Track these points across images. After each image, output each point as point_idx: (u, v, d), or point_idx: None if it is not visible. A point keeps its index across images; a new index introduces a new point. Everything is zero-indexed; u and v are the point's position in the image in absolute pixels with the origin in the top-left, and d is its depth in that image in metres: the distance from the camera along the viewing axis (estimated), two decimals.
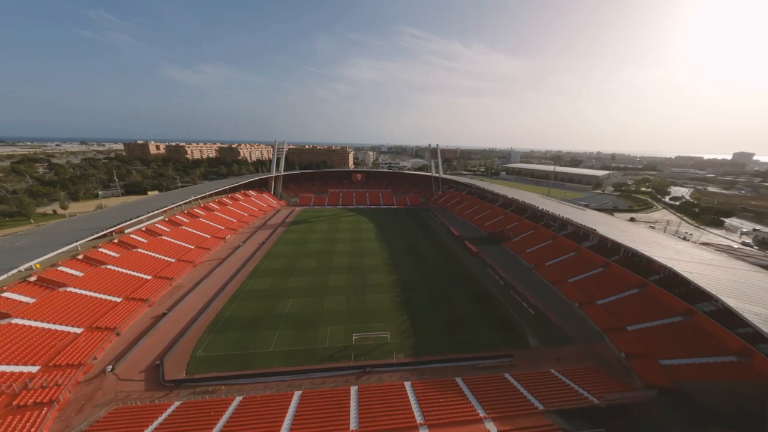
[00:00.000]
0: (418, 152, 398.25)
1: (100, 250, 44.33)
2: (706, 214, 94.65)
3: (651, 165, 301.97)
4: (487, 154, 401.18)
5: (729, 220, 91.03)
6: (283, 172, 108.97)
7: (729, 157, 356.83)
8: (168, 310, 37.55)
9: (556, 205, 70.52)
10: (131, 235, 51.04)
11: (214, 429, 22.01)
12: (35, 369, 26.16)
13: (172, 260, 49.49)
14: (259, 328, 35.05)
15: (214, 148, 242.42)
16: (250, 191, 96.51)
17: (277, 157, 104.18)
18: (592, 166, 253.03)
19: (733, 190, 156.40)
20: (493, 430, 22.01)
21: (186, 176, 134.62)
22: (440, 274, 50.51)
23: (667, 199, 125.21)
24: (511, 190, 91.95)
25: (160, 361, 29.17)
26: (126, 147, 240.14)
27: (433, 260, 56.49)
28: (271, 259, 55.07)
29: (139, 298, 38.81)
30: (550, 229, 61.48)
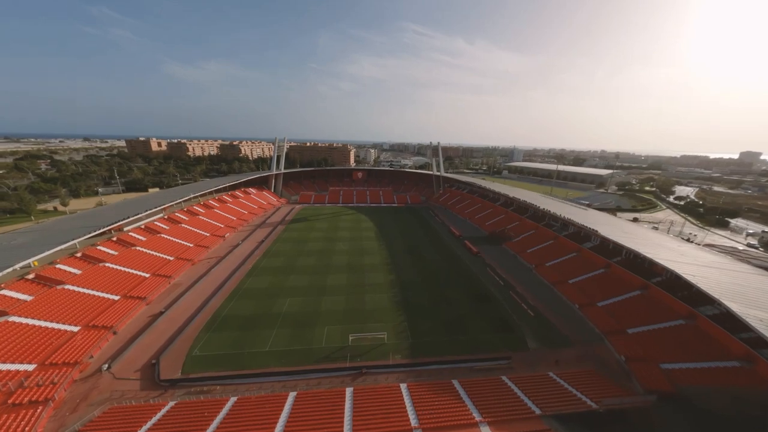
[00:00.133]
0: (420, 150, 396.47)
1: (99, 248, 44.37)
2: (711, 215, 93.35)
3: (656, 164, 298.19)
4: (490, 152, 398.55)
5: (734, 221, 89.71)
6: (284, 170, 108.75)
7: (735, 157, 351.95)
8: (165, 309, 37.54)
9: (558, 205, 69.71)
10: (130, 233, 51.06)
11: (207, 430, 21.90)
12: (31, 367, 26.17)
13: (171, 258, 49.50)
14: (257, 327, 34.94)
15: (216, 146, 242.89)
16: (251, 189, 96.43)
17: (278, 155, 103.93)
18: (596, 165, 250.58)
19: (739, 190, 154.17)
20: None
21: (187, 173, 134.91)
22: (439, 273, 50.16)
23: (671, 198, 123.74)
24: (512, 189, 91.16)
25: (156, 360, 29.14)
26: (128, 144, 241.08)
27: (433, 260, 56.12)
28: (270, 258, 54.96)
29: (137, 296, 38.83)
30: (551, 229, 60.83)
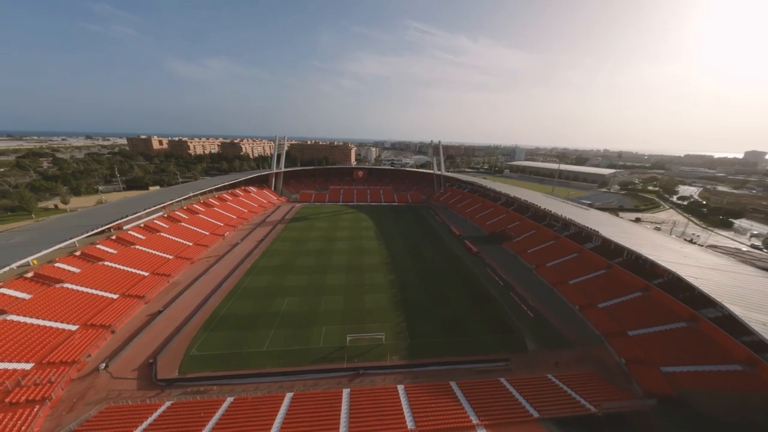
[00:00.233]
0: (421, 148, 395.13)
1: (98, 246, 44.39)
2: (715, 215, 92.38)
3: (659, 163, 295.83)
4: (492, 151, 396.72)
5: (738, 222, 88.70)
6: (284, 169, 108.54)
7: (740, 156, 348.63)
8: (164, 308, 37.53)
9: (559, 205, 69.15)
10: (129, 232, 51.06)
11: (203, 431, 21.84)
12: (29, 366, 26.19)
13: (170, 257, 49.49)
14: (254, 326, 34.86)
15: (217, 144, 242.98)
16: (251, 187, 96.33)
17: (278, 153, 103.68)
18: (598, 164, 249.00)
19: (744, 190, 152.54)
20: None
21: (188, 172, 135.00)
22: (439, 273, 49.91)
23: (674, 198, 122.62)
24: (513, 189, 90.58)
25: (154, 360, 29.11)
26: (129, 142, 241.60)
27: (433, 259, 55.86)
28: (269, 257, 54.87)
29: (136, 295, 38.83)
30: (552, 230, 60.37)
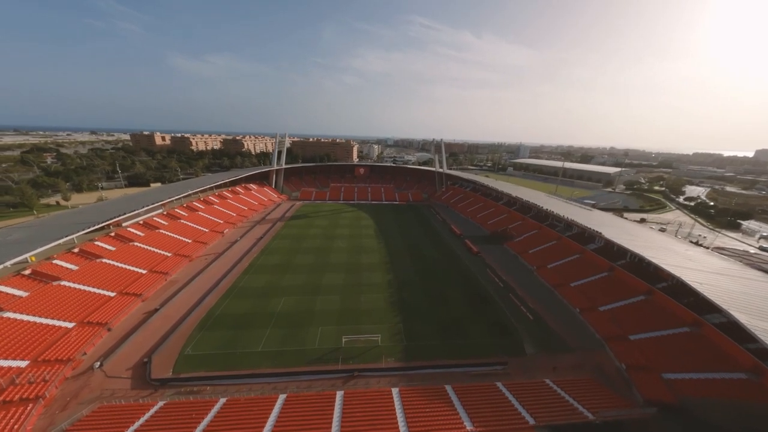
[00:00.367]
0: (424, 146, 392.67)
1: (97, 243, 44.47)
2: (722, 216, 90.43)
3: (666, 162, 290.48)
4: (495, 149, 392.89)
5: (746, 223, 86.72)
6: (285, 166, 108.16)
7: (751, 155, 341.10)
8: (160, 306, 37.51)
9: (561, 205, 68.02)
10: (129, 229, 51.12)
11: None
12: (24, 364, 26.22)
13: (169, 254, 49.50)
14: (250, 326, 34.71)
15: (219, 140, 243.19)
16: (251, 184, 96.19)
17: (279, 150, 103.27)
18: (604, 163, 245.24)
19: (753, 191, 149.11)
20: None
21: (189, 168, 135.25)
22: (438, 274, 49.40)
23: (681, 199, 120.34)
24: (516, 188, 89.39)
25: (148, 359, 29.07)
26: (132, 137, 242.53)
27: (432, 259, 55.32)
28: (268, 255, 54.70)
29: (133, 292, 38.83)
30: (554, 230, 59.41)
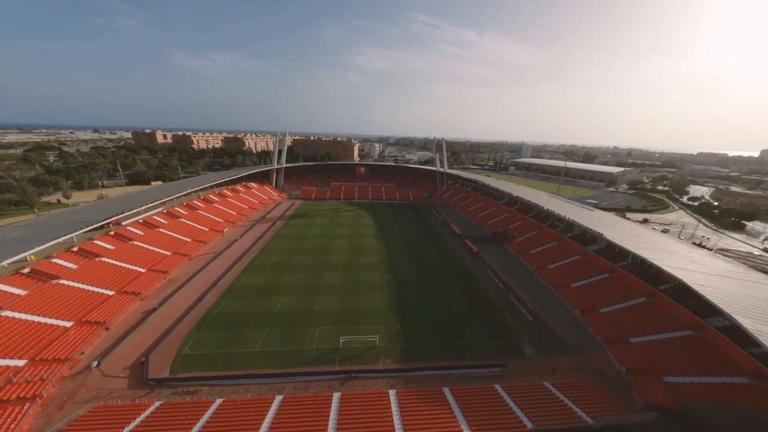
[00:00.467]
0: (426, 144, 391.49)
1: (96, 242, 44.51)
2: (726, 217, 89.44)
3: (670, 161, 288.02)
4: (498, 148, 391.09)
5: (751, 224, 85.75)
6: (286, 164, 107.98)
7: (756, 155, 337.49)
8: (159, 305, 37.49)
9: (563, 205, 67.46)
10: (128, 228, 51.16)
11: None
12: (22, 363, 26.26)
13: (168, 253, 49.50)
14: (248, 326, 34.62)
15: (220, 138, 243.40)
16: (252, 183, 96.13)
17: (279, 149, 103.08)
18: (607, 162, 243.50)
19: (759, 191, 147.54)
20: None
21: (190, 166, 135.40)
22: (438, 274, 49.14)
23: (684, 199, 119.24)
24: (517, 187, 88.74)
25: (146, 359, 29.03)
26: (134, 136, 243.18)
27: (432, 259, 55.04)
28: (267, 254, 54.62)
29: (132, 291, 38.84)
30: (556, 230, 58.90)
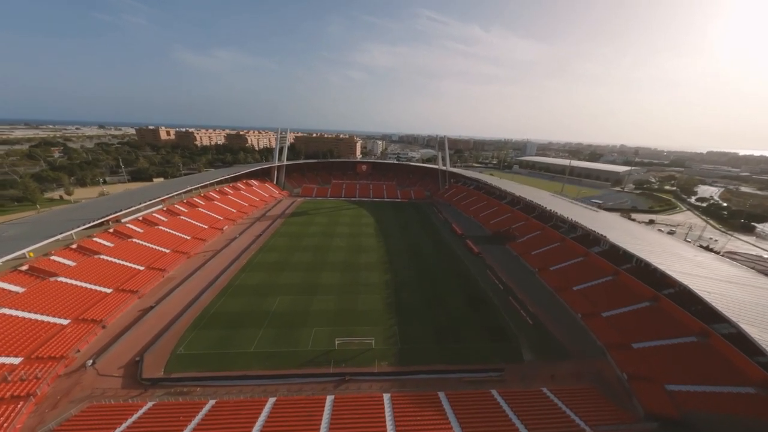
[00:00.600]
0: (429, 142, 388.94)
1: (95, 239, 44.60)
2: (736, 218, 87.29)
3: (679, 160, 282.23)
4: (502, 146, 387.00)
5: (761, 226, 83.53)
6: (287, 162, 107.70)
7: None
8: (156, 304, 37.48)
9: (566, 206, 66.26)
10: (127, 225, 51.25)
11: None
12: (17, 360, 26.30)
13: (167, 251, 49.53)
14: (244, 326, 34.46)
15: (223, 135, 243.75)
16: (252, 180, 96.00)
17: (280, 147, 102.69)
18: (613, 161, 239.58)
19: None
20: None
21: (192, 163, 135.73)
22: (437, 275, 48.56)
23: (692, 199, 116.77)
24: (520, 187, 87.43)
25: (140, 358, 28.98)
26: (138, 132, 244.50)
27: (432, 260, 54.44)
28: (266, 253, 54.44)
29: (129, 289, 38.88)
30: (558, 231, 57.82)
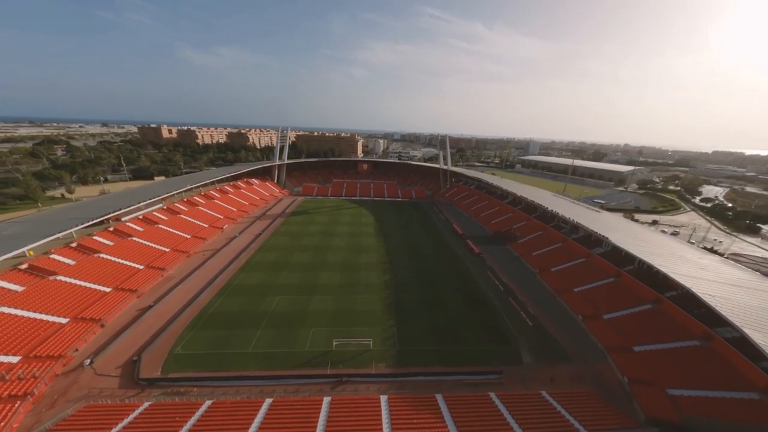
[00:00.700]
0: (431, 141, 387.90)
1: (95, 238, 44.68)
2: (741, 219, 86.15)
3: (684, 160, 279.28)
4: (504, 145, 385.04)
5: (767, 227, 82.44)
6: (288, 161, 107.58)
7: None
8: (154, 303, 37.48)
9: (568, 206, 65.58)
10: (128, 223, 51.32)
11: None
12: (16, 359, 26.34)
13: (167, 250, 49.58)
14: (242, 326, 34.38)
15: (225, 133, 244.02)
16: (253, 179, 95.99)
17: (281, 145, 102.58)
18: (617, 161, 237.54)
19: None
20: None
21: (194, 161, 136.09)
22: (437, 275, 48.27)
23: (697, 200, 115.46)
24: (521, 187, 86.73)
25: (138, 357, 28.98)
26: (140, 130, 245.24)
27: (431, 260, 54.12)
28: (265, 252, 54.38)
29: (129, 288, 38.91)
30: (560, 232, 57.26)
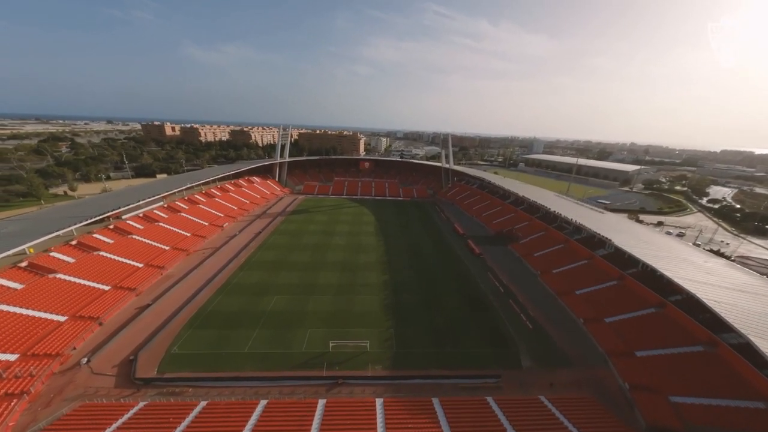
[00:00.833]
0: (434, 139, 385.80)
1: (95, 236, 44.85)
2: (749, 221, 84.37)
3: (691, 159, 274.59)
4: (508, 143, 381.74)
5: None
6: (289, 159, 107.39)
7: None
8: (153, 301, 37.53)
9: (571, 206, 64.60)
10: (128, 221, 51.47)
11: None
12: (14, 357, 26.47)
13: (167, 248, 49.68)
14: (239, 326, 34.29)
15: (227, 131, 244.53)
16: (254, 177, 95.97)
17: (282, 144, 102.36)
18: (623, 160, 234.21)
19: None
20: None
21: (196, 159, 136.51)
22: (436, 276, 47.84)
23: (704, 200, 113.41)
24: (524, 186, 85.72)
25: (135, 356, 29.00)
26: (143, 128, 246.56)
27: (431, 260, 53.67)
28: (265, 251, 54.30)
29: (128, 287, 39.01)
30: (563, 232, 56.44)
